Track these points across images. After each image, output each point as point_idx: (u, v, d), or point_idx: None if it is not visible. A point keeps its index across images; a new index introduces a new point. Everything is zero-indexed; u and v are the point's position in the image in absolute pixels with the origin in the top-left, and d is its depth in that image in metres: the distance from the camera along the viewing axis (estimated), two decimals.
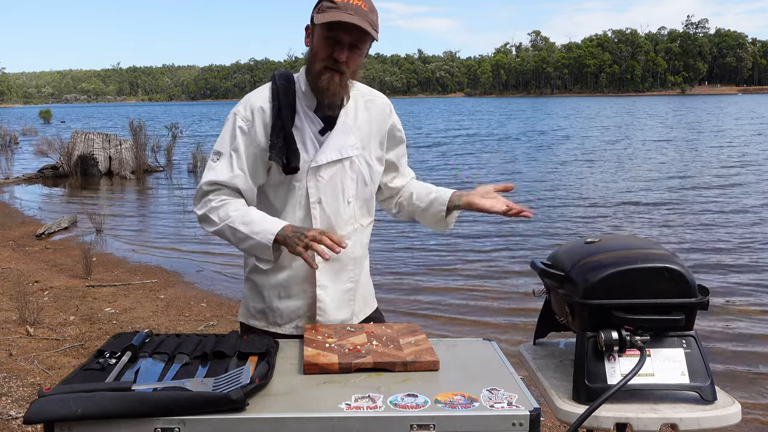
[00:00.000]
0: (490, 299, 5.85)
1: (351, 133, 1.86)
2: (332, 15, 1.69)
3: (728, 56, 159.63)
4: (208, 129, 38.17)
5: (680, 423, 1.39)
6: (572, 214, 10.12)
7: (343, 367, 1.47)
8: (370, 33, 1.73)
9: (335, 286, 1.89)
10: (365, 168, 1.89)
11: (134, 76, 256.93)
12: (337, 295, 1.89)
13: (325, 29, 1.73)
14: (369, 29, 1.72)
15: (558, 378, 1.59)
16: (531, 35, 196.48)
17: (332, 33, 1.72)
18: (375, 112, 1.92)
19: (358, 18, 1.70)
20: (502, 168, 16.70)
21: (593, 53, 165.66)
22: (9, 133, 26.86)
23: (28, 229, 9.33)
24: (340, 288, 1.89)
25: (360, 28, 1.71)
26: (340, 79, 1.77)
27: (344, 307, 1.91)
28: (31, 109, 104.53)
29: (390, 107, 1.98)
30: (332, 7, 1.71)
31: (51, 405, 1.23)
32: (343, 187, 1.86)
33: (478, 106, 71.84)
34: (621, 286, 1.47)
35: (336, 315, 1.89)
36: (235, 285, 6.48)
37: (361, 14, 1.71)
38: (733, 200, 10.95)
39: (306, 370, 1.47)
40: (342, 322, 1.89)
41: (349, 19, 1.69)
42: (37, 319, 5.01)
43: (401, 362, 1.49)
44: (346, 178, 1.86)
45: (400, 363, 1.49)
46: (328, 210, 1.85)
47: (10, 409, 3.48)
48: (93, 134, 16.45)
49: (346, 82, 1.80)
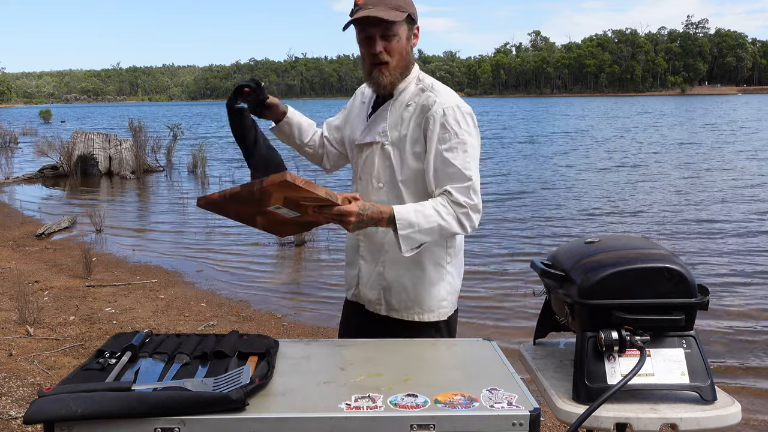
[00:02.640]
0: (490, 299, 5.85)
1: (386, 120, 1.92)
2: (354, 16, 1.79)
3: (728, 56, 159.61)
4: (208, 129, 38.14)
5: (680, 423, 1.39)
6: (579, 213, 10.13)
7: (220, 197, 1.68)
8: (391, 18, 1.77)
9: (370, 264, 2.00)
10: (397, 158, 1.91)
11: (134, 76, 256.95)
12: (371, 273, 2.00)
13: (357, 31, 1.84)
14: (388, 15, 1.77)
15: (558, 378, 1.59)
16: (531, 35, 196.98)
17: (362, 33, 1.83)
18: (418, 110, 1.89)
19: (375, 9, 1.76)
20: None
21: (593, 53, 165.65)
22: (9, 133, 26.84)
23: (28, 229, 9.33)
24: (374, 269, 1.99)
25: (379, 19, 1.76)
26: (387, 69, 1.85)
27: (375, 287, 2.00)
28: (31, 109, 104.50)
29: (436, 108, 1.85)
30: (356, 9, 1.80)
31: (51, 405, 1.23)
32: (376, 170, 1.94)
33: (482, 106, 71.70)
34: (621, 286, 1.47)
35: (367, 293, 2.02)
36: (235, 285, 6.48)
37: (380, 4, 1.77)
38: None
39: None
40: (370, 302, 2.01)
41: (364, 13, 1.76)
42: (37, 319, 5.01)
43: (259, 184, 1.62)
44: (377, 163, 1.94)
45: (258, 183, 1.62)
46: (361, 189, 1.99)
47: (10, 409, 3.48)
48: (93, 134, 16.43)
49: (396, 69, 1.87)
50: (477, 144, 1.89)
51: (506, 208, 10.59)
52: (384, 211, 1.76)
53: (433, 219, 1.78)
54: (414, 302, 1.96)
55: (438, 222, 1.78)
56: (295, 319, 5.42)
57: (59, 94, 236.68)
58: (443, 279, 1.97)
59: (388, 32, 1.80)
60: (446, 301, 1.99)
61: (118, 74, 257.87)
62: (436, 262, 1.96)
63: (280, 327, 5.13)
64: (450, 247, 1.98)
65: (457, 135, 1.83)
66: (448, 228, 1.80)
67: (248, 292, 6.25)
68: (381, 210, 1.76)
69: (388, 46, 1.82)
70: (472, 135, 1.87)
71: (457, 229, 1.81)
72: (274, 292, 6.30)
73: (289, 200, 1.69)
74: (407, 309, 1.97)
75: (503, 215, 10.02)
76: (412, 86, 1.92)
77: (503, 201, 11.23)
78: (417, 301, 1.96)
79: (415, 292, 1.95)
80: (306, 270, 7.28)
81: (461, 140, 1.83)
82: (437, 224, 1.78)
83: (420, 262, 1.93)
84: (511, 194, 12.03)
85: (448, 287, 1.99)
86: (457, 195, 1.80)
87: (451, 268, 1.99)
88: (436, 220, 1.78)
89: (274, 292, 6.27)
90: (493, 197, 11.48)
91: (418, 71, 1.97)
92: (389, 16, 1.77)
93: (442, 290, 1.97)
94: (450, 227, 1.80)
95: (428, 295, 1.96)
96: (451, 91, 1.94)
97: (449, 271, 1.98)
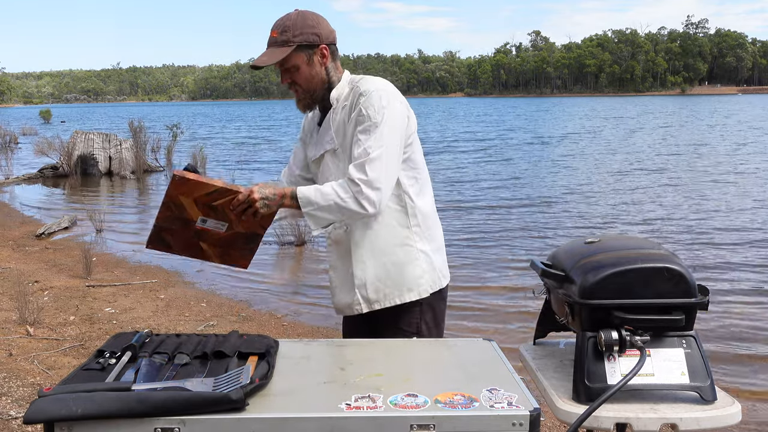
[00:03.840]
0: (490, 299, 5.86)
1: (330, 128, 2.00)
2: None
3: (728, 56, 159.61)
4: (211, 130, 38.11)
5: (680, 423, 1.39)
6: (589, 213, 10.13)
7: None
8: (274, 60, 1.90)
9: (340, 271, 2.06)
10: (348, 158, 1.93)
11: (134, 76, 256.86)
12: (343, 279, 2.04)
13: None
14: (270, 58, 1.91)
15: (558, 378, 1.59)
16: (531, 35, 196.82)
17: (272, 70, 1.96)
18: (350, 105, 1.96)
19: (262, 55, 1.93)
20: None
21: (593, 53, 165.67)
22: (9, 133, 26.83)
23: (28, 229, 9.33)
24: (346, 273, 2.03)
25: (262, 64, 1.91)
26: (298, 95, 2.00)
27: (350, 290, 2.03)
28: (31, 109, 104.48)
29: (361, 95, 1.90)
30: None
31: (51, 405, 1.23)
32: (332, 175, 2.00)
33: (483, 106, 71.52)
34: (621, 286, 1.47)
35: (343, 298, 2.06)
36: (236, 285, 6.48)
37: (270, 45, 1.93)
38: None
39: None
40: (348, 306, 2.05)
41: (257, 62, 1.91)
42: (37, 319, 5.01)
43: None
44: (332, 167, 2.01)
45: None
46: None
47: (10, 409, 3.48)
48: (93, 134, 16.43)
49: (308, 92, 1.99)
50: (394, 127, 1.89)
51: (515, 212, 10.55)
52: (286, 190, 1.88)
53: (330, 197, 1.84)
54: (391, 288, 1.99)
55: (334, 200, 1.84)
56: (295, 319, 5.42)
57: (59, 94, 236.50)
58: (416, 258, 1.99)
59: (286, 66, 1.94)
60: (423, 278, 2.00)
61: (118, 74, 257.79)
62: (403, 243, 1.98)
63: (280, 327, 5.13)
64: (414, 226, 2.00)
65: (370, 117, 1.87)
66: (345, 206, 1.84)
67: (248, 292, 6.25)
68: (283, 189, 1.88)
69: (293, 77, 1.96)
70: (387, 118, 1.87)
71: (354, 206, 1.84)
72: (274, 292, 6.30)
73: (203, 205, 1.83)
74: (386, 297, 2.00)
75: (506, 216, 10.04)
76: (346, 89, 2.00)
77: (513, 206, 11.06)
78: (393, 285, 1.99)
79: (389, 278, 1.98)
80: (306, 270, 7.28)
81: (373, 122, 1.86)
82: (333, 202, 1.84)
83: (385, 249, 1.97)
84: (520, 199, 11.87)
85: (424, 265, 2.01)
86: (352, 171, 1.84)
87: (422, 245, 2.01)
88: (332, 198, 1.83)
89: (274, 292, 6.27)
90: (503, 201, 11.45)
91: (349, 76, 2.04)
92: (271, 59, 1.91)
93: (417, 269, 2.00)
94: (347, 205, 1.84)
95: (402, 277, 1.99)
96: (378, 79, 1.98)
97: (420, 248, 2.00)
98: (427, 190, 2.06)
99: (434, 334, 2.05)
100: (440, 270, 2.06)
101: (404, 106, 1.96)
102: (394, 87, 1.97)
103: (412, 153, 1.99)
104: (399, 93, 1.97)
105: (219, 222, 1.88)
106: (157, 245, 1.94)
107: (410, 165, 1.99)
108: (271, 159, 20.18)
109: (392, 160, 1.87)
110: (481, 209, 10.66)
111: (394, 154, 1.88)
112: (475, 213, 10.32)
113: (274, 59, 1.90)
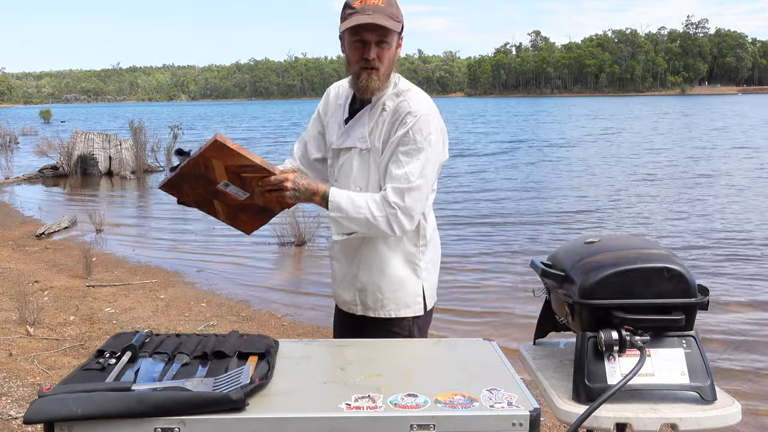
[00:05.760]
0: (490, 299, 5.85)
1: (365, 126, 1.95)
2: (352, 20, 1.82)
3: (728, 56, 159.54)
4: (215, 130, 38.11)
5: (680, 423, 1.39)
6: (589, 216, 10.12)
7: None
8: (391, 27, 1.82)
9: (344, 266, 2.05)
10: (375, 163, 1.93)
11: (134, 76, 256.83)
12: (346, 274, 2.04)
13: (350, 34, 1.87)
14: (388, 24, 1.82)
15: (558, 378, 1.59)
16: (531, 35, 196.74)
17: (357, 36, 1.85)
18: (390, 114, 1.92)
19: (377, 16, 1.81)
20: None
21: (593, 53, 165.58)
22: (9, 133, 26.84)
23: (28, 229, 9.33)
24: (348, 270, 2.03)
25: (379, 26, 1.81)
26: (377, 74, 1.89)
27: (350, 288, 2.03)
28: (31, 109, 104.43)
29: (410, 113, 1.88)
30: (352, 12, 1.84)
31: (51, 405, 1.24)
32: (354, 175, 1.96)
33: (484, 107, 71.40)
34: (621, 286, 1.47)
35: (342, 293, 2.06)
36: (236, 285, 6.48)
37: (379, 11, 1.82)
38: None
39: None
40: (345, 303, 2.05)
41: (368, 20, 1.80)
42: (37, 319, 5.01)
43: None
44: (356, 167, 1.96)
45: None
46: None
47: (10, 409, 3.48)
48: (93, 134, 16.43)
49: (384, 75, 1.91)
50: (435, 157, 1.90)
51: (515, 212, 10.56)
52: (319, 188, 1.84)
53: (363, 211, 1.83)
54: (390, 300, 1.99)
55: (365, 215, 1.83)
56: (295, 319, 5.42)
57: (59, 94, 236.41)
58: (418, 276, 2.00)
59: (384, 40, 1.86)
60: (421, 297, 2.02)
61: (118, 74, 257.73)
62: (409, 260, 1.99)
63: (280, 327, 5.13)
64: (422, 245, 2.00)
65: (416, 142, 1.86)
66: (375, 224, 1.84)
67: (248, 292, 6.25)
68: (317, 185, 1.85)
69: (381, 53, 1.87)
70: (432, 147, 1.88)
71: (384, 227, 1.84)
72: (274, 292, 6.30)
73: (232, 173, 1.79)
74: (383, 307, 2.00)
75: (506, 216, 10.03)
76: (389, 90, 1.96)
77: (514, 205, 11.13)
78: (392, 299, 1.99)
79: (389, 290, 1.99)
80: (306, 270, 7.28)
81: (419, 148, 1.86)
82: (364, 217, 1.83)
83: (392, 261, 1.97)
84: (520, 199, 11.95)
85: (424, 283, 2.02)
86: (390, 194, 1.84)
87: (424, 264, 2.02)
88: (364, 213, 1.83)
89: (274, 292, 6.27)
90: (503, 201, 11.45)
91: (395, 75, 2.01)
92: (389, 25, 1.83)
93: (417, 286, 2.01)
94: (377, 224, 1.83)
95: (403, 292, 2.00)
96: (425, 98, 1.96)
97: (423, 267, 2.01)
98: (431, 203, 2.06)
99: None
100: (435, 289, 2.10)
101: (444, 135, 1.96)
102: (436, 108, 1.95)
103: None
104: (439, 116, 1.95)
105: (241, 190, 1.85)
106: (170, 190, 1.90)
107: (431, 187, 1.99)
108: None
109: (427, 191, 1.90)
110: (482, 209, 10.67)
111: (429, 185, 1.91)
112: (476, 213, 10.32)
113: (388, 25, 1.82)
